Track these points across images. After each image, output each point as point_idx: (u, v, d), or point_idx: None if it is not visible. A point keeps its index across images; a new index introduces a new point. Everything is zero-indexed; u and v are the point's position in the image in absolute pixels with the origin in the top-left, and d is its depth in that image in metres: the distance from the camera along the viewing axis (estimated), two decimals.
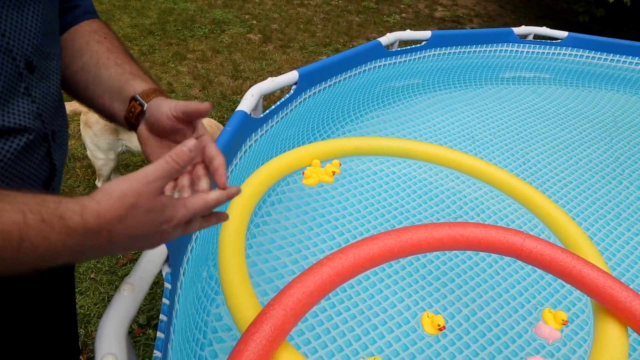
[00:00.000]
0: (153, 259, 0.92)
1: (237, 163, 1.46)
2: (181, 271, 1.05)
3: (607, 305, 1.00)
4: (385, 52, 2.24)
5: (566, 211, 1.85)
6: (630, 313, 0.97)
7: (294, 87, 1.80)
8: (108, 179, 2.18)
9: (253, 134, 1.56)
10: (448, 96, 2.54)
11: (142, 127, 0.70)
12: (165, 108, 0.67)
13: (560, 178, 2.08)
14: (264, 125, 1.63)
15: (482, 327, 1.36)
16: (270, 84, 1.68)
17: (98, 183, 2.20)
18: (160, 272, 0.93)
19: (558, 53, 2.80)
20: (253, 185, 1.22)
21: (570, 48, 2.79)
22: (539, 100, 2.67)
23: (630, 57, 2.79)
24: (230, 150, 1.39)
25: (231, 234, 1.05)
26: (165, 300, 0.91)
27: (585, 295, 1.26)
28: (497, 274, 1.54)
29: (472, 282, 1.50)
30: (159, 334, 0.85)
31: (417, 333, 1.31)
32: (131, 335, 1.14)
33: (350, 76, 2.12)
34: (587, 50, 2.80)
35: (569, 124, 2.50)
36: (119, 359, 0.74)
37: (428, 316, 1.21)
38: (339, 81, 2.07)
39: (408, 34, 2.36)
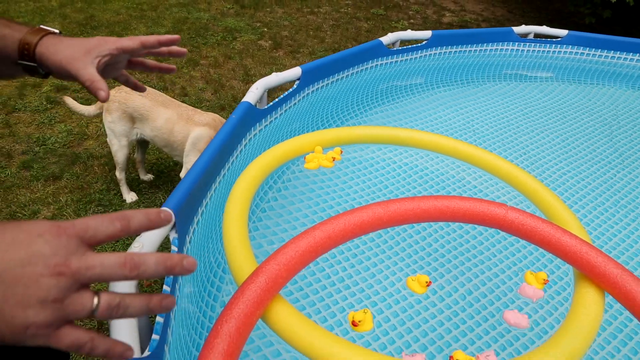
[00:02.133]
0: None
1: (242, 150, 1.56)
2: (187, 238, 1.15)
3: (584, 271, 1.07)
4: (386, 50, 2.34)
5: (564, 198, 1.92)
6: (605, 277, 1.04)
7: (297, 82, 1.90)
8: (124, 168, 2.31)
9: (257, 124, 1.67)
10: (450, 92, 2.61)
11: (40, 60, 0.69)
12: (66, 53, 0.69)
13: (560, 167, 2.14)
14: (268, 116, 1.73)
15: (469, 286, 1.45)
16: (275, 78, 1.79)
17: (117, 173, 2.33)
18: (167, 236, 1.03)
19: (559, 51, 2.87)
20: (259, 165, 1.32)
21: (570, 46, 2.86)
22: (541, 96, 2.73)
23: (630, 53, 2.85)
24: (234, 137, 1.49)
25: (236, 205, 1.15)
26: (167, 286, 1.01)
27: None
28: (481, 244, 1.63)
29: (460, 248, 1.59)
30: (165, 287, 0.95)
31: (407, 291, 1.39)
32: (140, 286, 1.21)
33: (352, 73, 2.21)
34: (587, 48, 2.86)
35: (569, 117, 2.56)
36: None
37: (413, 279, 1.30)
38: (342, 78, 2.16)
39: (409, 34, 2.46)
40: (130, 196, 2.39)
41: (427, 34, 2.50)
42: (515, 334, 1.30)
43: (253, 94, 1.65)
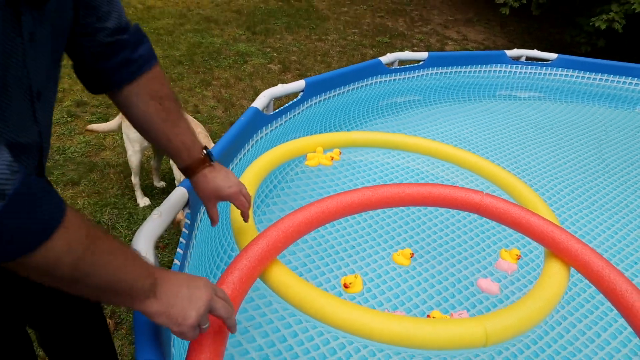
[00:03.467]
0: (179, 198, 1.18)
1: (249, 149, 1.73)
2: (198, 217, 1.30)
3: (550, 247, 1.21)
4: (385, 69, 2.53)
5: (553, 202, 2.06)
6: (568, 251, 1.18)
7: (301, 93, 2.08)
8: (138, 173, 2.48)
9: (264, 128, 1.84)
10: (446, 108, 2.79)
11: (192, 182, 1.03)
12: (206, 191, 1.01)
13: (550, 175, 2.29)
14: (274, 122, 1.90)
15: (448, 262, 1.60)
16: (280, 89, 1.97)
17: (132, 178, 2.50)
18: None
19: (549, 73, 3.05)
20: (269, 156, 1.50)
21: (560, 68, 3.04)
22: (533, 113, 2.90)
23: (617, 76, 3.02)
24: (241, 138, 1.66)
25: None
26: (185, 230, 1.17)
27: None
28: (460, 222, 1.80)
29: (442, 227, 1.77)
30: (179, 250, 1.10)
31: (389, 268, 1.54)
32: (157, 250, 1.34)
33: (353, 89, 2.40)
34: (577, 70, 3.03)
35: (559, 131, 2.72)
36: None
37: (397, 254, 1.44)
38: (344, 92, 2.34)
39: (406, 55, 2.65)
40: (143, 201, 2.55)
41: (424, 55, 2.69)
42: (486, 298, 1.44)
43: (260, 101, 1.82)
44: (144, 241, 1.02)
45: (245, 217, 1.10)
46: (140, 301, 0.70)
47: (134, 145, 2.38)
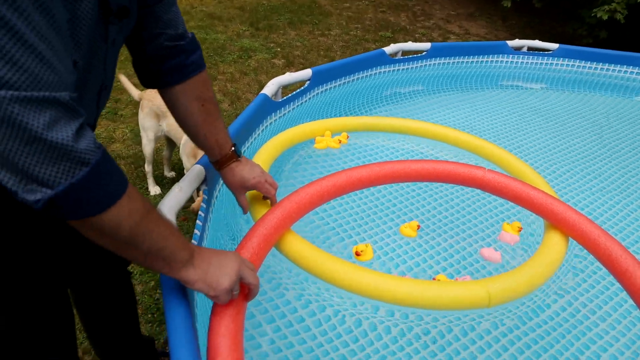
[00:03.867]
0: (197, 175, 1.24)
1: (259, 134, 1.79)
2: (214, 193, 1.36)
3: (549, 219, 1.27)
4: (389, 59, 2.58)
5: (555, 185, 2.11)
6: (566, 222, 1.24)
7: (308, 82, 2.14)
8: (151, 161, 2.55)
9: (273, 114, 1.90)
10: (449, 97, 2.83)
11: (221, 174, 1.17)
12: (234, 181, 1.14)
13: (551, 158, 2.35)
14: (282, 109, 1.96)
15: (453, 232, 1.68)
16: (288, 77, 2.03)
17: (146, 166, 2.57)
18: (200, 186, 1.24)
19: (551, 63, 3.09)
20: (278, 139, 1.56)
21: (561, 58, 3.08)
22: (535, 101, 2.94)
23: (618, 65, 3.06)
24: (251, 124, 1.72)
25: (259, 161, 1.38)
26: (203, 205, 1.23)
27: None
28: (465, 196, 1.87)
29: (447, 202, 1.84)
30: (198, 222, 1.16)
31: (397, 239, 1.61)
32: (177, 220, 1.41)
33: (358, 78, 2.45)
34: (578, 60, 3.08)
35: (561, 118, 2.76)
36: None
37: (405, 227, 1.50)
38: (349, 81, 2.40)
39: (410, 45, 2.70)
40: (154, 189, 2.62)
41: (427, 45, 2.75)
42: (488, 265, 1.52)
43: (269, 89, 1.89)
44: (167, 213, 1.08)
45: (272, 202, 1.21)
46: (180, 269, 0.81)
47: (148, 134, 2.45)
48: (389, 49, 2.59)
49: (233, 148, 1.15)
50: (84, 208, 0.66)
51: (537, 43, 3.08)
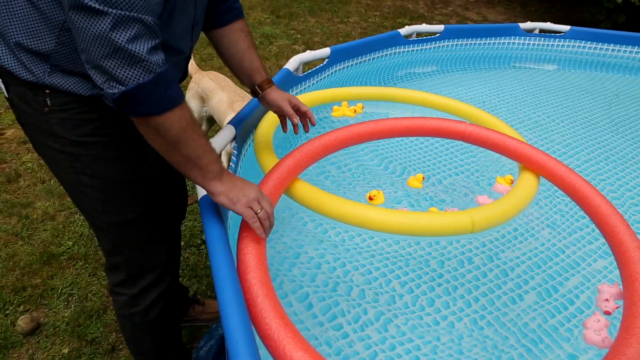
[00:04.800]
0: (229, 132, 1.42)
1: None
2: (242, 151, 1.54)
3: (522, 162, 1.45)
4: (403, 40, 2.72)
5: (563, 155, 2.27)
6: (537, 163, 1.42)
7: (326, 60, 2.30)
8: None
9: (294, 87, 2.07)
10: (462, 76, 2.96)
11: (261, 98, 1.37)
12: (278, 96, 1.34)
13: (560, 131, 2.48)
14: (303, 83, 2.13)
15: (453, 186, 1.88)
16: (308, 55, 2.19)
17: None
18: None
19: (562, 45, 3.19)
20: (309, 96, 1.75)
21: (573, 40, 3.17)
22: (547, 80, 3.05)
23: (630, 46, 3.14)
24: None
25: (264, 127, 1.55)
26: (233, 158, 1.41)
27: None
28: (459, 156, 2.07)
29: (447, 156, 2.08)
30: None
31: (406, 189, 1.81)
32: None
33: (374, 58, 2.60)
34: (589, 42, 3.17)
35: (571, 95, 2.87)
36: None
37: (412, 179, 1.67)
38: (365, 61, 2.55)
39: (424, 27, 2.84)
40: None
41: (440, 27, 2.87)
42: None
43: (291, 64, 2.05)
44: None
45: (312, 120, 1.39)
46: (210, 180, 1.00)
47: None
48: (404, 30, 2.72)
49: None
50: (146, 106, 0.87)
51: (548, 25, 3.17)
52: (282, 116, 1.42)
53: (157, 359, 1.47)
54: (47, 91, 1.00)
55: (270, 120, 1.56)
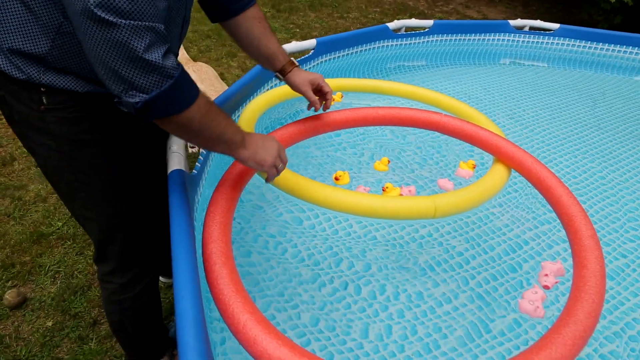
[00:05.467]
0: None
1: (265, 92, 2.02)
2: None
3: (495, 154, 1.49)
4: (392, 34, 2.77)
5: (546, 151, 2.31)
6: (506, 154, 1.46)
7: (312, 51, 2.36)
8: None
9: (274, 79, 2.12)
10: (450, 71, 3.02)
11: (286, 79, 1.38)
12: (301, 80, 1.35)
13: (544, 126, 2.54)
14: None
15: (417, 167, 1.99)
16: (293, 45, 2.25)
17: None
18: None
19: (552, 42, 3.23)
20: (274, 93, 1.79)
21: (562, 38, 3.22)
22: (535, 77, 3.10)
23: (617, 45, 3.18)
24: (257, 81, 1.95)
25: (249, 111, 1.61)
26: (200, 157, 1.48)
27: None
28: (427, 141, 2.15)
29: (413, 142, 2.18)
30: (200, 158, 1.40)
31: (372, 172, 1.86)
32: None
33: (361, 50, 2.65)
34: (578, 40, 3.21)
35: (557, 92, 2.94)
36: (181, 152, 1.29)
37: (378, 163, 1.74)
38: (352, 53, 2.61)
39: (413, 22, 2.88)
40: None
41: (429, 22, 2.92)
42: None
43: None
44: (177, 140, 1.33)
45: (328, 103, 1.42)
46: (236, 149, 1.08)
47: None
48: (393, 24, 2.78)
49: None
50: (168, 109, 0.92)
51: (538, 23, 3.21)
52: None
53: (137, 334, 1.53)
54: (42, 89, 1.01)
55: (257, 105, 1.62)
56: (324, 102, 1.41)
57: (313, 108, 1.39)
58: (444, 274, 1.53)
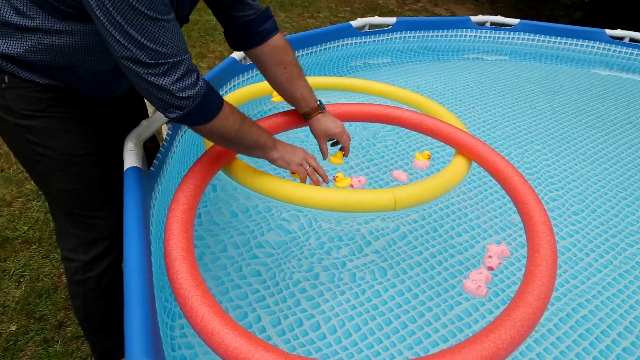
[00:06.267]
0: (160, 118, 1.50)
1: (226, 91, 2.04)
2: (179, 132, 1.62)
3: (455, 146, 1.53)
4: (355, 32, 2.81)
5: (505, 142, 2.38)
6: (466, 146, 1.51)
7: None
8: None
9: (240, 75, 2.15)
10: (414, 67, 3.08)
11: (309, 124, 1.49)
12: (319, 130, 1.46)
13: (505, 118, 2.62)
14: (250, 71, 2.21)
15: (371, 159, 2.04)
16: None
17: None
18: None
19: (512, 37, 3.32)
20: (241, 92, 1.81)
21: (522, 33, 3.31)
22: (497, 71, 3.19)
23: (575, 39, 3.29)
24: (216, 82, 1.97)
25: None
26: (167, 137, 1.49)
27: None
28: (381, 134, 2.21)
29: (364, 134, 2.20)
30: (159, 155, 1.42)
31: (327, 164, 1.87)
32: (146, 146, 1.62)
33: (326, 48, 2.69)
34: (537, 34, 3.30)
35: (518, 85, 3.02)
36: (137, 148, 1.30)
37: (333, 156, 1.77)
38: (316, 51, 2.64)
39: (376, 19, 2.94)
40: None
41: (392, 20, 2.98)
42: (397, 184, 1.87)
43: (237, 54, 2.13)
44: (135, 139, 1.34)
45: (346, 152, 1.53)
46: (268, 152, 1.27)
47: None
48: (356, 22, 2.82)
49: (318, 102, 1.46)
50: (200, 119, 1.10)
51: (499, 18, 3.30)
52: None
53: (104, 325, 1.53)
54: (5, 77, 1.10)
55: (229, 100, 1.63)
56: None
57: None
58: (405, 269, 1.57)
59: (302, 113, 1.47)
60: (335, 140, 1.51)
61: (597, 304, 1.56)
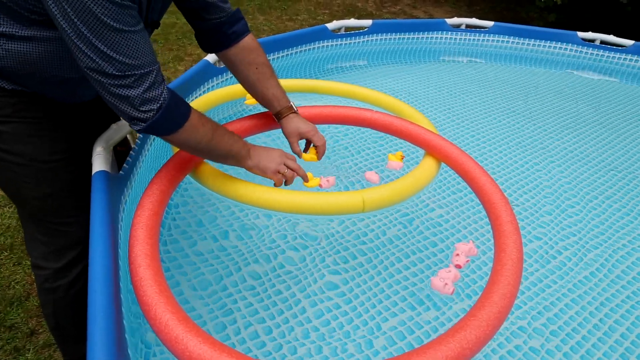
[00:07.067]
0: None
1: (200, 93, 2.03)
2: (148, 141, 1.61)
3: (424, 147, 1.55)
4: (331, 34, 2.82)
5: (482, 142, 2.40)
6: (436, 148, 1.52)
7: None
8: None
9: (215, 78, 2.14)
10: (391, 69, 3.10)
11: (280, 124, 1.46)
12: (291, 130, 1.42)
13: (480, 119, 2.65)
14: (224, 74, 2.20)
15: (340, 162, 2.05)
16: None
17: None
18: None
19: (487, 39, 3.37)
20: (210, 96, 1.80)
21: (496, 35, 3.35)
22: (472, 73, 3.23)
23: (548, 41, 3.34)
24: (191, 84, 1.96)
25: None
26: (138, 141, 1.47)
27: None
28: (353, 138, 2.23)
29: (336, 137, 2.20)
30: (129, 159, 1.41)
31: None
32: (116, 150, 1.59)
33: (301, 51, 2.69)
34: (511, 37, 3.35)
35: (493, 87, 3.06)
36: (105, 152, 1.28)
37: (306, 155, 1.77)
38: (292, 53, 2.64)
39: (352, 22, 2.95)
40: None
41: (368, 22, 2.99)
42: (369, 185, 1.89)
43: (210, 56, 2.12)
44: (104, 143, 1.32)
45: (319, 153, 1.48)
46: (242, 161, 1.25)
47: None
48: (331, 25, 2.83)
49: (291, 103, 1.44)
50: (165, 130, 1.08)
51: (474, 21, 3.34)
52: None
53: (75, 332, 1.50)
54: None
55: (202, 103, 1.62)
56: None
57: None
58: (375, 265, 1.58)
59: (275, 113, 1.45)
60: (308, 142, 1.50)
61: (567, 302, 1.59)
